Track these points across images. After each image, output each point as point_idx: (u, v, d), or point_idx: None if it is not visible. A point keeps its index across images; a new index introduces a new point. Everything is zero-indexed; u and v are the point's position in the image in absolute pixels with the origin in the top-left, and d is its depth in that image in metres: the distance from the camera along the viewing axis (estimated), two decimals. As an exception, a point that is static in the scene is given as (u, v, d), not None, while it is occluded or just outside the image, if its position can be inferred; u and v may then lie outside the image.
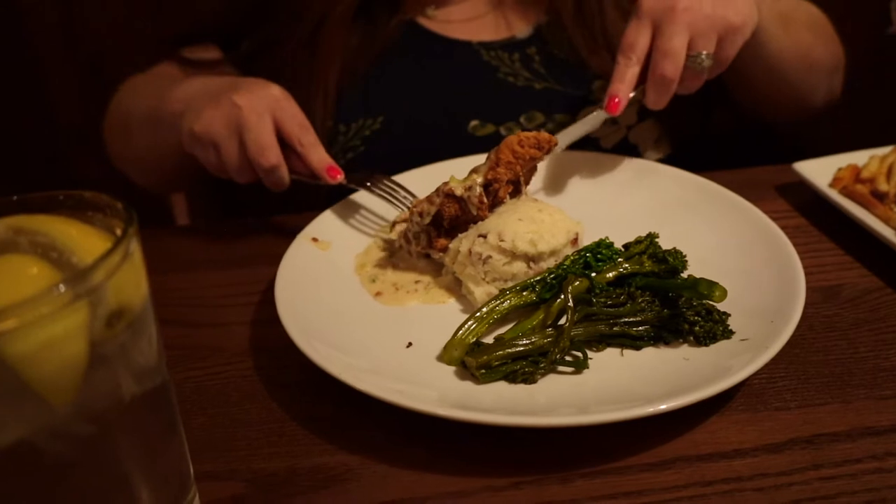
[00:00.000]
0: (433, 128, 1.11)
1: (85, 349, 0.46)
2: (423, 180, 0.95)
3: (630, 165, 1.02)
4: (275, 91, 0.92)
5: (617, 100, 0.91)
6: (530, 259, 0.83)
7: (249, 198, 1.19)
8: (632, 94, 0.92)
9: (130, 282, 0.49)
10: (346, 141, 1.14)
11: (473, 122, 1.14)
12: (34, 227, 0.48)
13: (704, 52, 0.89)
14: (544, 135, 0.87)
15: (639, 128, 1.16)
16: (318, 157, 0.93)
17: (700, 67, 0.89)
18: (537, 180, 0.95)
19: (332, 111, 1.13)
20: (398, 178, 1.02)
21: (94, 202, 0.51)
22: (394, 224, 0.93)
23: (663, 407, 0.63)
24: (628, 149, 1.16)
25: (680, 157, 1.17)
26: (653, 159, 1.12)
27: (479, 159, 0.91)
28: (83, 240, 0.48)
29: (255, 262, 0.95)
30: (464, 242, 0.84)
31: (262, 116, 0.90)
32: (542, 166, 0.92)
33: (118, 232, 0.50)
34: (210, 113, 0.91)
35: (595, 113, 0.95)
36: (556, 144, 0.88)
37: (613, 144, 1.16)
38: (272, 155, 0.90)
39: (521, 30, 1.19)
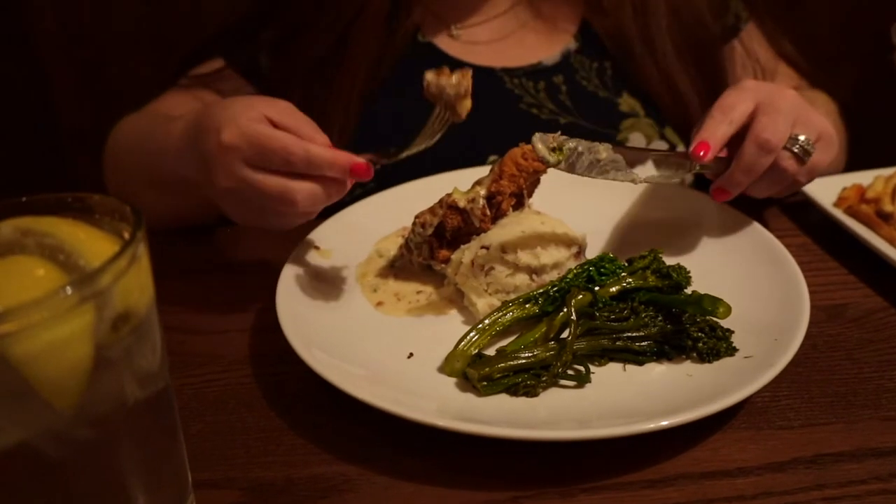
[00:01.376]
0: (448, 162, 1.06)
1: (90, 352, 0.46)
2: (425, 192, 0.95)
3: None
4: (243, 107, 0.78)
5: (705, 146, 0.80)
6: (533, 271, 0.83)
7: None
8: (714, 164, 0.83)
9: (137, 286, 0.50)
10: None
11: (492, 157, 1.11)
12: (42, 228, 0.49)
13: (805, 138, 0.83)
14: (548, 147, 0.88)
15: None
16: (336, 158, 0.76)
17: (801, 151, 0.83)
18: (540, 193, 0.95)
19: (355, 122, 1.08)
20: (397, 189, 1.02)
21: (102, 205, 0.52)
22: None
23: (665, 423, 0.64)
24: None
25: None
26: None
27: (483, 171, 0.92)
28: (91, 242, 0.49)
29: (257, 269, 0.96)
30: (466, 254, 0.85)
31: (259, 123, 0.76)
32: (545, 179, 0.92)
33: (126, 235, 0.51)
34: (216, 179, 0.79)
35: (667, 153, 0.84)
36: None
37: None
38: (314, 146, 0.75)
39: (549, 55, 1.16)
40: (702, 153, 0.81)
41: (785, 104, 0.83)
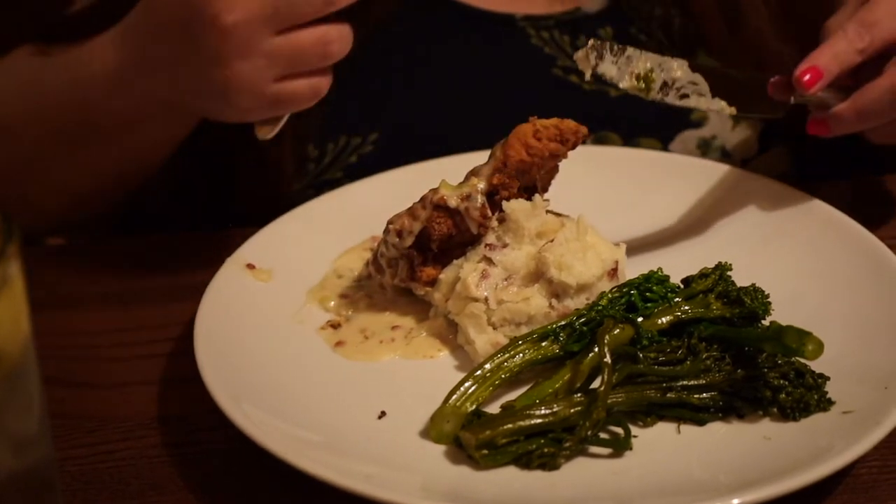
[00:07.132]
0: (447, 149, 1.07)
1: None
2: (404, 187, 0.97)
3: (693, 169, 1.05)
4: None
5: (815, 73, 0.83)
6: (553, 293, 0.85)
7: (155, 202, 1.16)
8: (823, 94, 0.86)
9: (7, 319, 0.51)
10: (318, 170, 1.12)
11: None
12: None
13: None
14: (569, 123, 0.89)
15: (758, 162, 1.16)
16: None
17: None
18: (559, 186, 0.96)
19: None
20: (362, 183, 1.04)
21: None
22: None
23: (736, 502, 0.65)
24: None
25: None
26: None
27: (480, 157, 0.93)
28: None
29: (165, 298, 0.97)
30: (466, 269, 0.87)
31: None
32: (566, 166, 0.93)
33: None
34: (232, 65, 0.87)
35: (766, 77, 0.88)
36: (585, 135, 0.90)
37: None
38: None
39: None
40: (807, 78, 0.83)
41: None
